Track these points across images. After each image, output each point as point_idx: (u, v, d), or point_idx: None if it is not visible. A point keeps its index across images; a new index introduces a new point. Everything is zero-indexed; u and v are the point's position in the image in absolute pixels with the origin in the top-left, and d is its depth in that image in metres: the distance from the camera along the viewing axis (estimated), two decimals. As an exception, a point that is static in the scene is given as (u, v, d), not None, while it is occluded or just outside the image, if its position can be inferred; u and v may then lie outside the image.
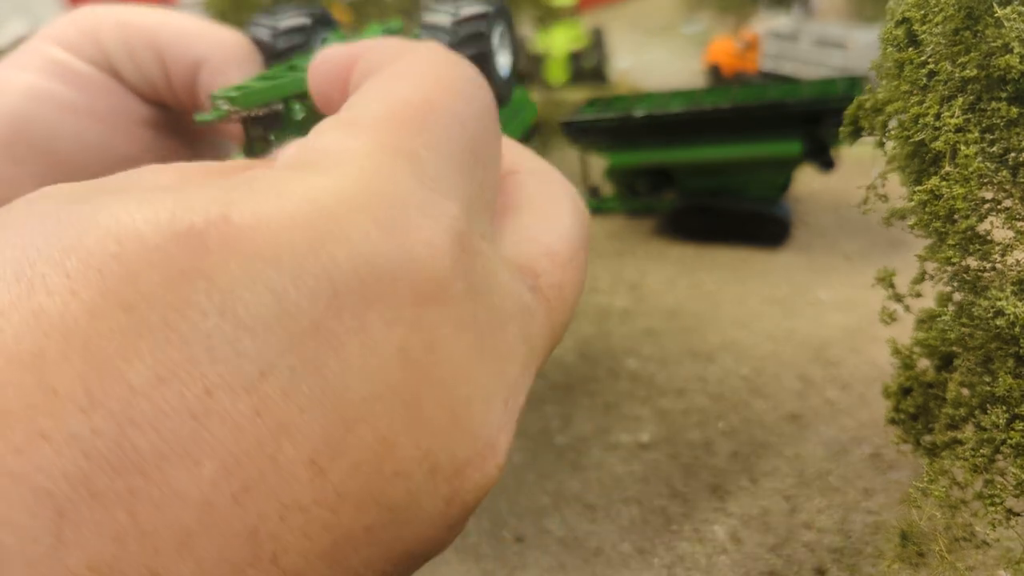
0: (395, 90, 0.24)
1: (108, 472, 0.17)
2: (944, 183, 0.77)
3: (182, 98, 0.45)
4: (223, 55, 0.43)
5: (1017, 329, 0.61)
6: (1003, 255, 0.64)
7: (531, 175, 0.28)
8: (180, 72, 0.42)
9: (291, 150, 0.24)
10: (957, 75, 0.69)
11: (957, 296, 0.68)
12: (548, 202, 0.28)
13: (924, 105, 0.71)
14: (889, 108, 0.74)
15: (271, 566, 0.19)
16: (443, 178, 0.23)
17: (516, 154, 0.29)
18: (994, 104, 0.66)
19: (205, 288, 0.19)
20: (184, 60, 0.42)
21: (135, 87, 0.44)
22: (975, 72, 0.63)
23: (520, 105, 0.48)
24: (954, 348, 0.75)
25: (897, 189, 1.27)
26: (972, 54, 0.66)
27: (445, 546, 0.23)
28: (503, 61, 0.45)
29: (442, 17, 0.46)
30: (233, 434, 0.18)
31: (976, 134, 0.69)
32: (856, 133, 0.89)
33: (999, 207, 0.66)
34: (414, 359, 0.21)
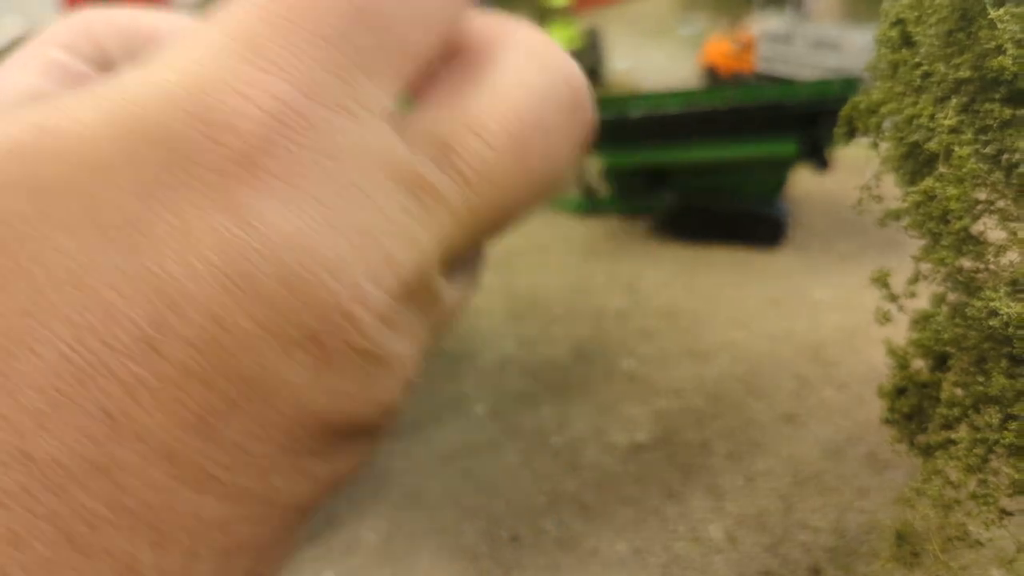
0: None
1: None
2: (938, 184, 0.77)
3: None
4: None
5: (1011, 329, 0.61)
6: (997, 256, 0.64)
7: (511, 49, 0.28)
8: None
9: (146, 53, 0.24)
10: (951, 76, 0.69)
11: (951, 296, 0.69)
12: (508, 76, 0.27)
13: (918, 106, 0.71)
14: (884, 109, 0.74)
15: (137, 441, 0.20)
16: (282, 54, 0.23)
17: (504, 27, 0.28)
18: (988, 105, 0.66)
19: (25, 195, 0.20)
20: None
21: None
22: (969, 73, 0.63)
23: None
24: (948, 348, 0.75)
25: (892, 190, 1.27)
26: (966, 55, 0.66)
27: (355, 416, 0.24)
28: None
29: None
30: (65, 325, 0.20)
31: (970, 135, 0.69)
32: (851, 134, 0.89)
33: (993, 208, 0.67)
34: (232, 236, 0.21)
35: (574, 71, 0.29)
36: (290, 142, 0.22)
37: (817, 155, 5.06)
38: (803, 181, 5.77)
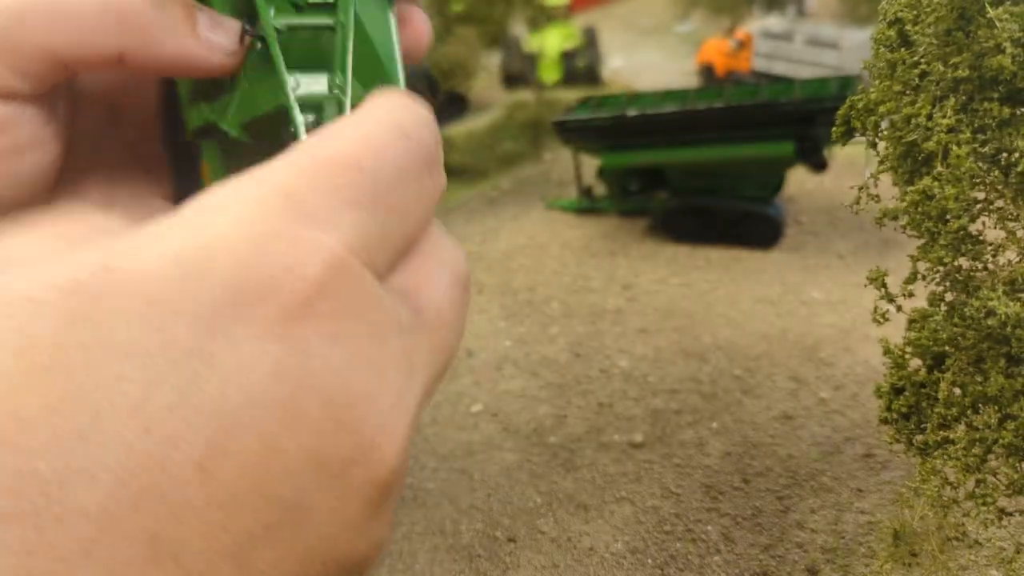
0: (312, 145, 0.29)
1: (12, 497, 0.20)
2: (936, 183, 0.77)
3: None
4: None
5: (1009, 329, 0.61)
6: (995, 255, 0.63)
7: (439, 243, 0.34)
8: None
9: (190, 202, 0.27)
10: (949, 75, 0.69)
11: (949, 296, 0.68)
12: (443, 259, 0.34)
13: (916, 106, 0.71)
14: (881, 109, 0.74)
15: (173, 565, 0.21)
16: (324, 216, 0.26)
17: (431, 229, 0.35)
18: (986, 104, 0.66)
19: (89, 328, 0.22)
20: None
21: None
22: (967, 72, 0.62)
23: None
24: (946, 348, 0.75)
25: (889, 189, 1.26)
26: (964, 55, 0.66)
27: (356, 553, 0.26)
28: None
29: None
30: (124, 449, 0.21)
31: (968, 134, 0.68)
32: (848, 133, 0.89)
33: (991, 207, 0.66)
34: (289, 369, 0.24)
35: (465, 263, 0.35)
36: (340, 289, 0.25)
37: (815, 156, 5.06)
38: (800, 180, 5.77)
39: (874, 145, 1.27)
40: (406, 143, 0.31)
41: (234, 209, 0.26)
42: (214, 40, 0.36)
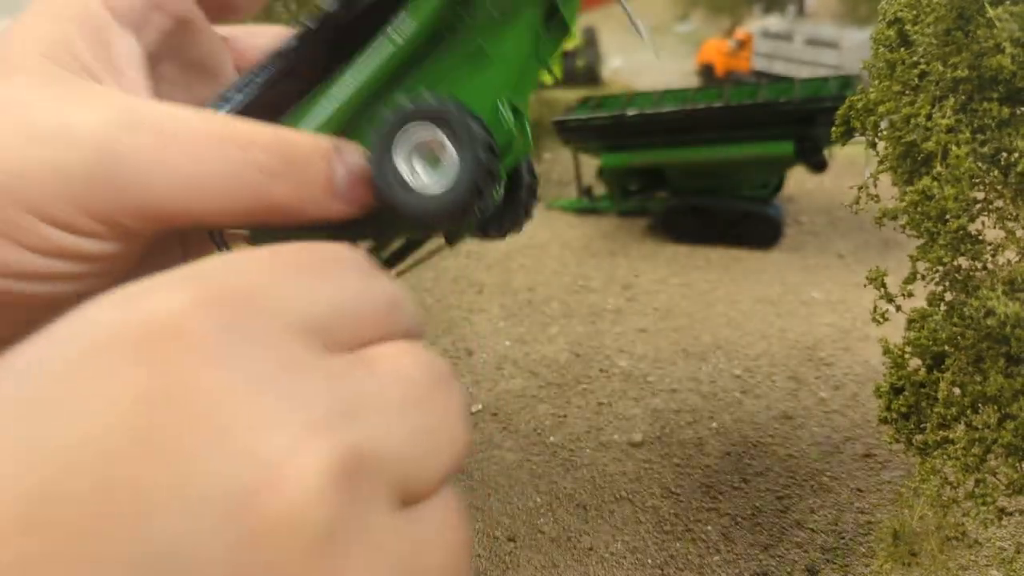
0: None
1: None
2: (935, 183, 0.77)
3: None
4: None
5: (1008, 328, 0.61)
6: (994, 255, 0.64)
7: (411, 344, 0.31)
8: None
9: None
10: (948, 75, 0.69)
11: (948, 296, 0.68)
12: (413, 347, 0.32)
13: (915, 106, 0.71)
14: (881, 109, 0.74)
15: None
16: (209, 273, 0.25)
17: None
18: (985, 104, 0.66)
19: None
20: None
21: None
22: (966, 72, 0.63)
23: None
24: (945, 348, 0.75)
25: (889, 189, 1.26)
26: (963, 54, 0.66)
27: None
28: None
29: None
30: None
31: (967, 134, 0.69)
32: (848, 133, 0.89)
33: (990, 207, 0.66)
34: (151, 392, 0.21)
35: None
36: (220, 320, 0.23)
37: (815, 156, 5.07)
38: (800, 180, 5.78)
39: (874, 145, 1.28)
40: (306, 248, 0.29)
41: (135, 286, 0.24)
42: (353, 199, 0.36)
